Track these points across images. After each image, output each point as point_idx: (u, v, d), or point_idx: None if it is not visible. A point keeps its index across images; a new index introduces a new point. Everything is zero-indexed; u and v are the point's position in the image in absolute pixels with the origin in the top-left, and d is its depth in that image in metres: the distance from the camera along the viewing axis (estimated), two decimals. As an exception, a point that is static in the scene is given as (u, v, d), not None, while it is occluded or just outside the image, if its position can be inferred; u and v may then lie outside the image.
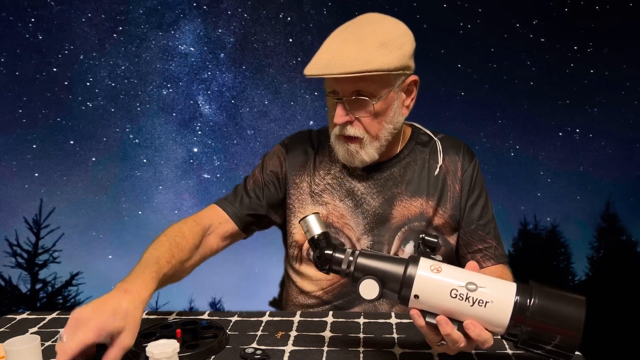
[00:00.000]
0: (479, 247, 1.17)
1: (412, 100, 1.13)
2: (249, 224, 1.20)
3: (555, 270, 10.05)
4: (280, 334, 1.01)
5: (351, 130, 1.06)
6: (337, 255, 0.78)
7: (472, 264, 0.79)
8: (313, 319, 1.07)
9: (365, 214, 1.15)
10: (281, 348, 0.95)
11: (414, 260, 0.75)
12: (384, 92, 1.04)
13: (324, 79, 1.06)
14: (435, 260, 0.76)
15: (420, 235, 0.82)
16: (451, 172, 1.18)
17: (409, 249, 1.14)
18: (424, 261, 0.74)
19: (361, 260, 0.76)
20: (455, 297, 0.71)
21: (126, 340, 0.79)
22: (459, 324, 0.72)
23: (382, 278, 0.75)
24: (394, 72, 1.02)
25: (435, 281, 0.72)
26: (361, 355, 0.91)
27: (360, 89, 1.03)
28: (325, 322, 1.05)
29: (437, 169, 1.17)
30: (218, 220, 1.16)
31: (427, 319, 0.73)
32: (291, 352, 0.93)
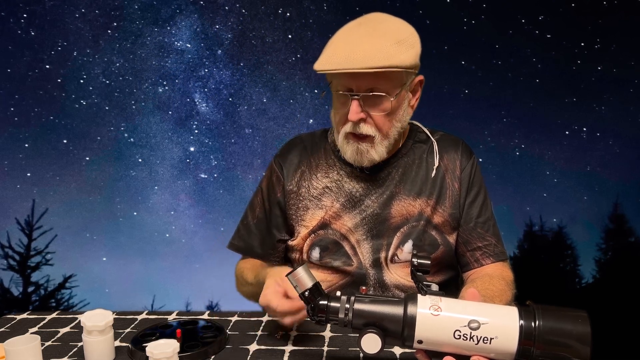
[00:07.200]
0: (478, 245, 1.16)
1: (416, 100, 1.13)
2: (279, 251, 1.24)
3: (561, 272, 9.94)
4: (280, 334, 1.01)
5: (364, 128, 1.06)
6: (332, 304, 0.77)
7: (471, 291, 0.77)
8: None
9: (363, 215, 1.14)
10: (281, 348, 0.94)
11: (412, 298, 0.74)
12: (397, 90, 1.04)
13: (334, 75, 1.05)
14: (431, 289, 0.76)
15: (412, 259, 0.82)
16: (450, 170, 1.17)
17: (407, 248, 1.13)
18: (422, 300, 0.73)
19: (358, 306, 0.75)
20: (459, 337, 0.70)
21: None
22: (466, 359, 0.72)
23: (381, 321, 0.74)
24: (408, 70, 1.03)
25: (436, 324, 0.71)
26: (361, 355, 0.91)
27: (375, 86, 1.02)
28: (326, 323, 1.05)
29: (434, 171, 1.16)
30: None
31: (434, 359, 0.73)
32: (291, 352, 0.93)
